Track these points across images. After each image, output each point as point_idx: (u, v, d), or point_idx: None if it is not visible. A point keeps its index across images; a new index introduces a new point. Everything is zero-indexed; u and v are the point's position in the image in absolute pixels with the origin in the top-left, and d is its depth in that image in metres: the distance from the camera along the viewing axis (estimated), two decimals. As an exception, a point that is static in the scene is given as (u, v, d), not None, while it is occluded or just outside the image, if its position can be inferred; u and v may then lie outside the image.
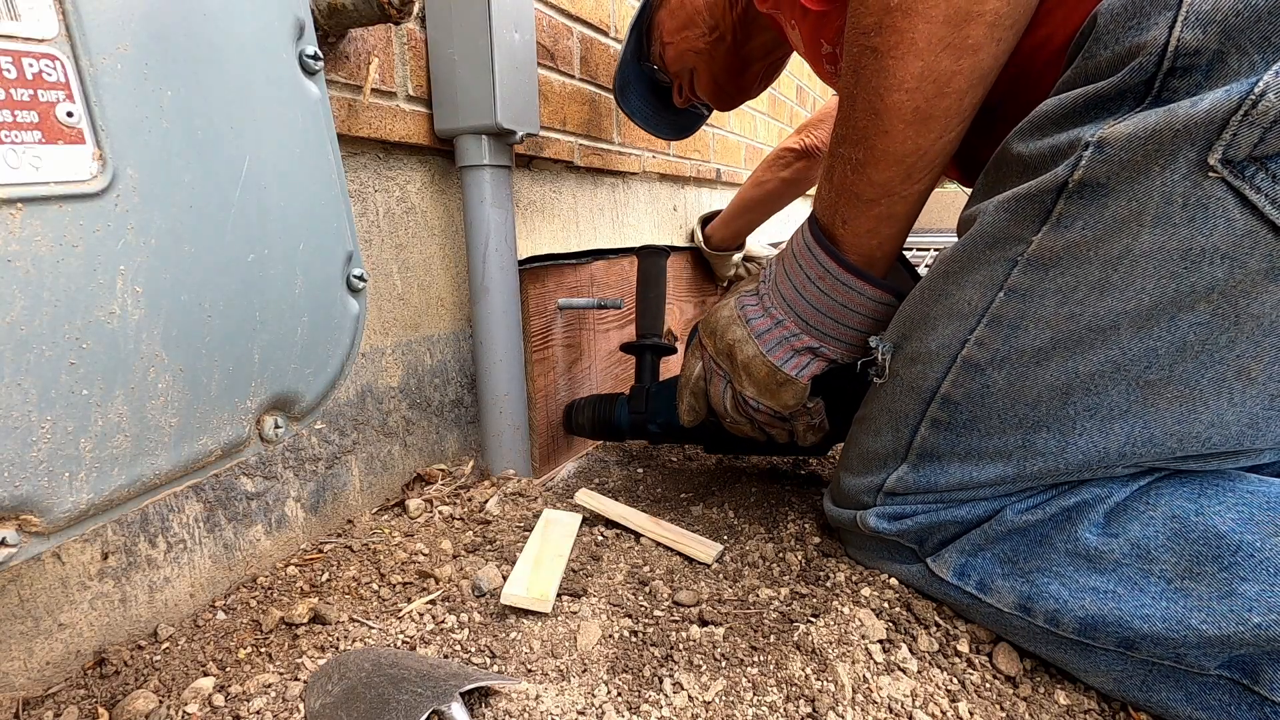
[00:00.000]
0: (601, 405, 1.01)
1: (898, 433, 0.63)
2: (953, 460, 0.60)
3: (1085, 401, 0.52)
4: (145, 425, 0.41)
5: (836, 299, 0.66)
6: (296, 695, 0.52)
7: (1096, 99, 0.48)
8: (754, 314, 0.72)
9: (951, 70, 0.54)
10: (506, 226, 0.85)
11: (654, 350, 1.03)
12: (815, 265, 0.67)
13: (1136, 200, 0.46)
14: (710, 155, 1.69)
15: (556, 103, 1.04)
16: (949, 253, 0.59)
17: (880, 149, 0.58)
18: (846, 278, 0.65)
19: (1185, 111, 0.43)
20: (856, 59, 0.57)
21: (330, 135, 0.51)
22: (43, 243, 0.35)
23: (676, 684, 0.54)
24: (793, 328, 0.69)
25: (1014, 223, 0.52)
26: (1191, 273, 0.46)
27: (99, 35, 0.36)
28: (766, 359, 0.70)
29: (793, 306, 0.69)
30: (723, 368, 0.75)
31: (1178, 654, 0.50)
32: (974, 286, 0.56)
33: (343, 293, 0.54)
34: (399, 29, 0.77)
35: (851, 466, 0.70)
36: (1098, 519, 0.54)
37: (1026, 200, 0.51)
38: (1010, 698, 0.55)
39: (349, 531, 0.76)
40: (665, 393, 0.96)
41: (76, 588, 0.55)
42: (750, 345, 0.71)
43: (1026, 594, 0.56)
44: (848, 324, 0.67)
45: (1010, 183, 0.54)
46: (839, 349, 0.68)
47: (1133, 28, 0.46)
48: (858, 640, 0.57)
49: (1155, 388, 0.50)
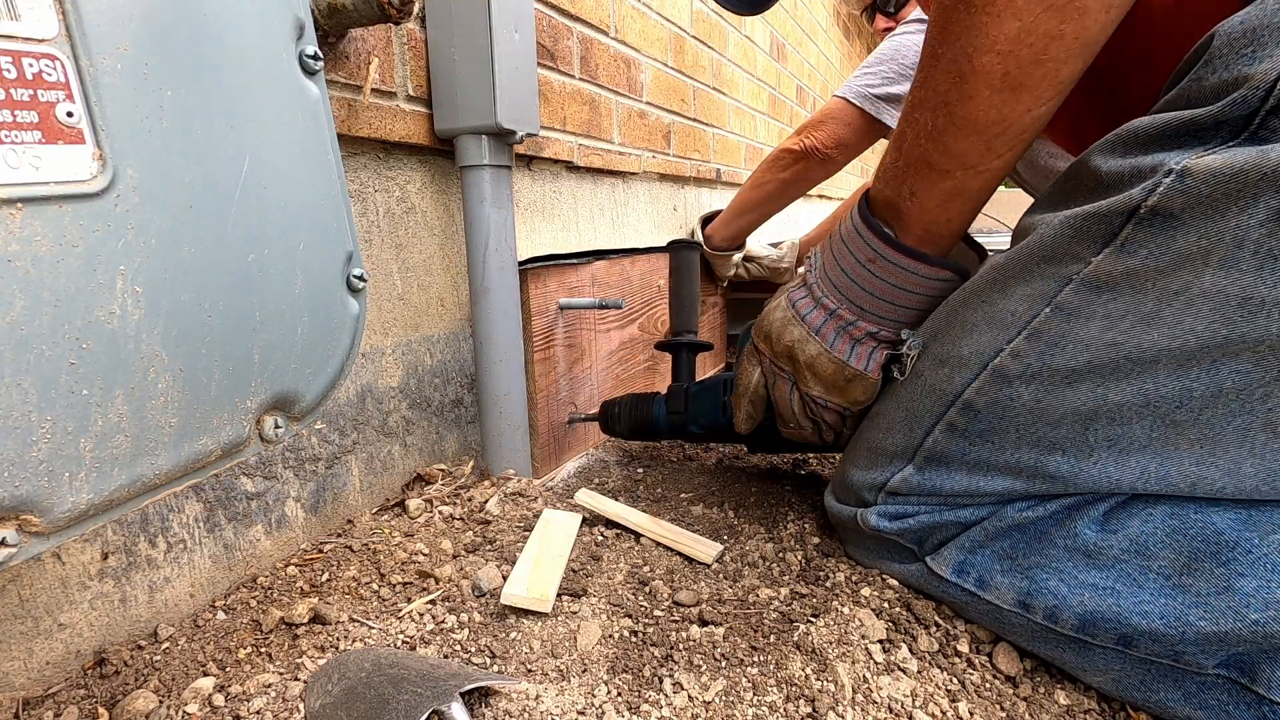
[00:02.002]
0: (639, 405, 0.99)
1: (910, 432, 0.63)
2: (960, 468, 0.60)
3: (1107, 431, 0.52)
4: (145, 425, 0.41)
5: (891, 281, 0.64)
6: (296, 695, 0.52)
7: (1191, 125, 0.46)
8: (806, 308, 0.70)
9: (1052, 34, 0.49)
10: (506, 226, 0.85)
11: (690, 348, 1.02)
12: (865, 248, 0.64)
13: (1207, 238, 0.45)
14: (710, 155, 1.69)
15: (556, 103, 1.04)
16: (999, 260, 0.58)
17: (961, 116, 0.54)
18: (898, 258, 0.63)
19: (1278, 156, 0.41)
20: (946, 12, 0.53)
21: (330, 135, 0.51)
22: (43, 243, 0.35)
23: (676, 684, 0.54)
24: (848, 315, 0.67)
25: (1076, 240, 0.51)
26: (1246, 321, 0.45)
27: (99, 35, 0.36)
28: (832, 355, 0.68)
29: (845, 293, 0.67)
30: (785, 370, 0.74)
31: (1175, 651, 0.50)
32: (1021, 298, 0.54)
33: (343, 292, 0.54)
34: (399, 29, 0.77)
35: (858, 461, 0.69)
36: (1097, 515, 0.54)
37: (1094, 219, 0.50)
38: (1010, 698, 0.55)
39: (349, 531, 0.76)
40: (706, 394, 0.95)
41: (76, 588, 0.55)
42: (812, 344, 0.69)
43: (1026, 590, 0.56)
44: (906, 305, 0.65)
45: (1081, 198, 0.52)
46: (900, 330, 0.66)
47: (1245, 56, 0.44)
48: (858, 640, 0.57)
49: (1180, 428, 0.49)
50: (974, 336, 0.58)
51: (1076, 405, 0.52)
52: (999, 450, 0.57)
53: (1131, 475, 0.52)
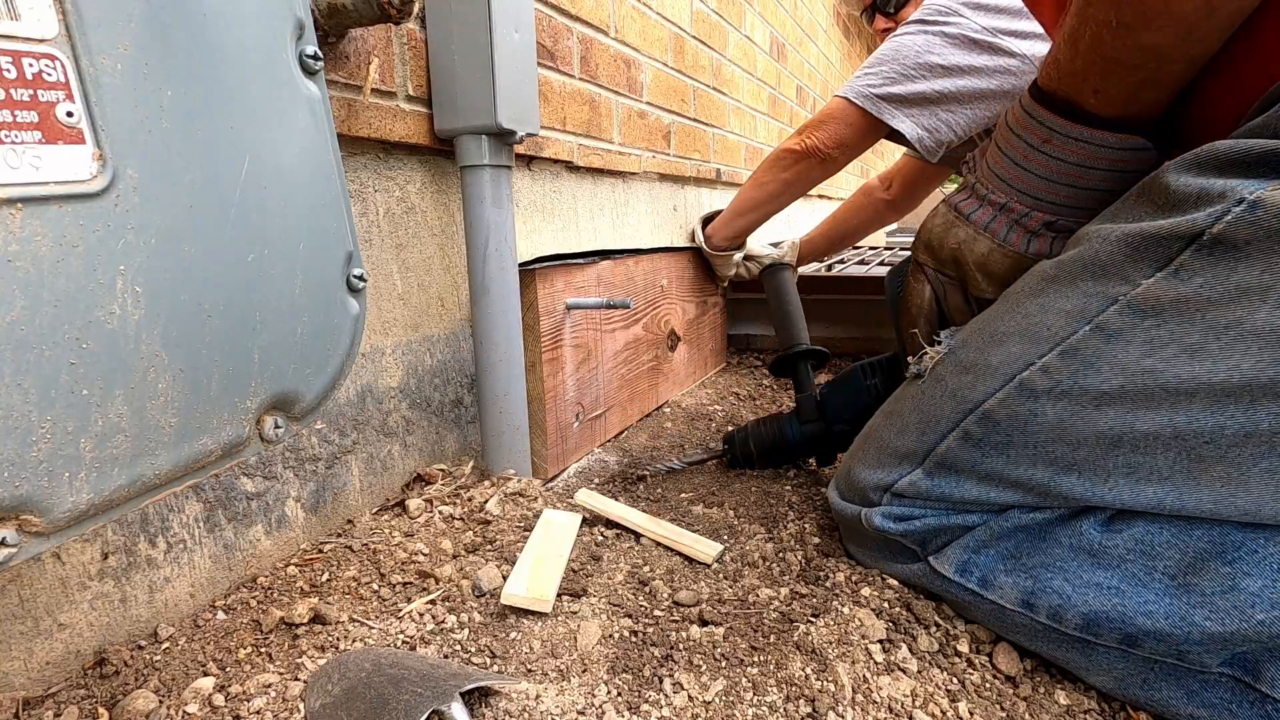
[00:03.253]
0: (763, 430, 0.97)
1: (924, 436, 0.62)
2: (971, 478, 0.59)
3: (1129, 459, 0.51)
4: (145, 425, 0.41)
5: (1071, 160, 0.59)
6: (297, 695, 0.52)
7: (1271, 155, 0.44)
8: (970, 207, 0.66)
9: None
10: (506, 226, 0.85)
11: (805, 356, 1.00)
12: (1040, 129, 0.60)
13: (1270, 273, 0.43)
14: (710, 155, 1.69)
15: (556, 103, 1.04)
16: (1042, 269, 0.56)
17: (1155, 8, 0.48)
18: (1080, 130, 0.57)
19: None
20: None
21: (330, 135, 0.51)
22: (43, 243, 0.35)
23: (676, 684, 0.54)
24: (1021, 208, 0.63)
25: (1129, 260, 0.49)
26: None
27: (99, 35, 0.36)
28: (1006, 250, 0.64)
29: (1016, 184, 0.63)
30: (953, 276, 0.70)
31: (1179, 651, 0.50)
32: (1060, 313, 0.53)
33: (343, 292, 0.54)
34: (399, 29, 0.77)
35: (867, 458, 0.68)
36: (1102, 516, 0.54)
37: (1152, 241, 0.48)
38: (1010, 697, 0.55)
39: (349, 531, 0.76)
40: (841, 388, 0.93)
41: (76, 588, 0.55)
42: (981, 241, 0.65)
43: (1030, 589, 0.56)
44: (1088, 185, 0.60)
45: (1145, 213, 0.51)
46: (1082, 217, 0.61)
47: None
48: (858, 640, 0.57)
49: (1205, 463, 0.48)
50: (1004, 347, 0.57)
51: (1101, 429, 0.51)
52: (1013, 464, 0.56)
53: (1146, 502, 0.51)
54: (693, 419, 1.29)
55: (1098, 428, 0.51)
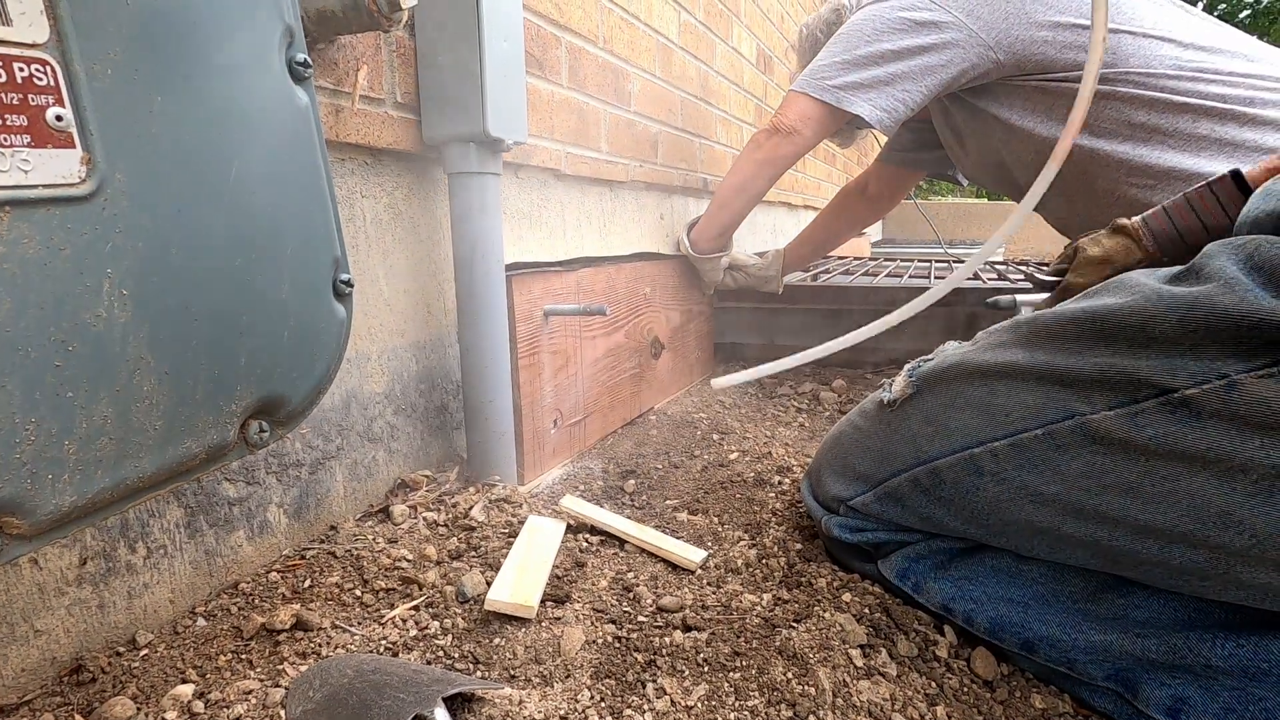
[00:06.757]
0: None
1: (880, 466, 0.67)
2: (914, 516, 0.65)
3: (1053, 545, 0.56)
4: (130, 428, 0.41)
5: None
6: (278, 702, 0.51)
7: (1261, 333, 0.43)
8: None
9: None
10: (494, 234, 0.85)
11: None
12: None
13: (1218, 450, 0.44)
14: (697, 165, 1.71)
15: (544, 111, 1.05)
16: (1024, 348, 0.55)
17: None
18: None
19: None
20: None
21: (319, 141, 0.52)
22: (30, 245, 0.35)
23: (659, 689, 0.54)
24: None
25: (1097, 386, 0.50)
26: (1218, 530, 0.46)
27: (90, 42, 0.37)
28: None
29: None
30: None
31: (1069, 659, 0.56)
32: (1021, 405, 0.55)
33: (329, 297, 0.54)
34: (388, 36, 0.78)
35: (833, 467, 0.73)
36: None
37: (1122, 378, 0.48)
38: (988, 701, 0.56)
39: (332, 537, 0.76)
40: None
41: (54, 593, 0.54)
42: None
43: (951, 595, 0.62)
44: None
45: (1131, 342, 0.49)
46: None
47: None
48: (838, 645, 0.58)
49: (1120, 566, 0.54)
50: (965, 416, 0.59)
51: (1032, 520, 0.56)
52: (951, 517, 0.62)
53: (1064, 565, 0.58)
54: (678, 426, 1.30)
55: (1029, 518, 0.56)
